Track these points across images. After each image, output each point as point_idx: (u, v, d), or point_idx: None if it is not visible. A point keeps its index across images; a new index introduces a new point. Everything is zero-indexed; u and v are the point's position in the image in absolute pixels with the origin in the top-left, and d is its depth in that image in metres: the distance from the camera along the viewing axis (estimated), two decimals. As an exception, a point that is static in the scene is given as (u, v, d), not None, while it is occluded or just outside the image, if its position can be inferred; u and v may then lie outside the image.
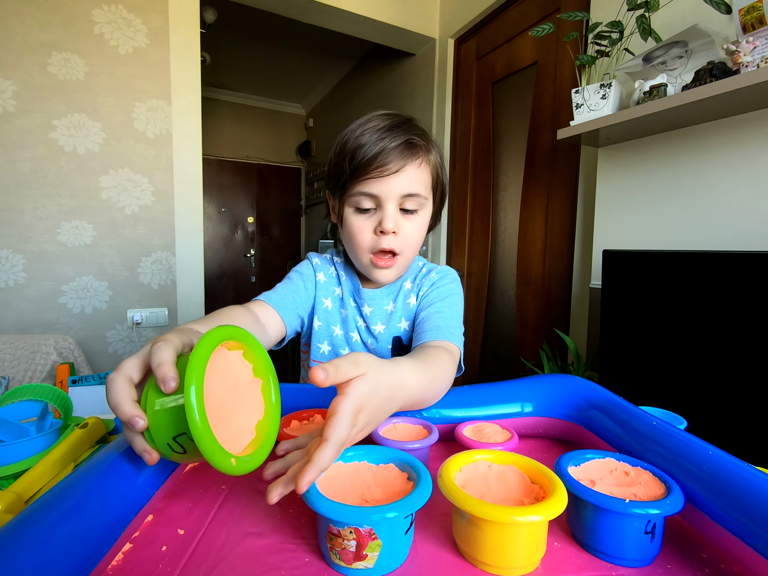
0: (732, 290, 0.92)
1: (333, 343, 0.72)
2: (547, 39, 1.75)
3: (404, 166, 0.58)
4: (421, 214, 0.63)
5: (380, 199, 0.60)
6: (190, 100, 1.93)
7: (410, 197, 0.60)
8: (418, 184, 0.61)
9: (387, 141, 0.58)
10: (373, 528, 0.29)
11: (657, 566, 0.31)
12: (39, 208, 1.73)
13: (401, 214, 0.62)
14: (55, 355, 1.55)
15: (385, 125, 0.59)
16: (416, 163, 0.60)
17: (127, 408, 0.30)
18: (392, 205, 0.60)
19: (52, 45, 1.67)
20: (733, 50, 1.01)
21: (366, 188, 0.59)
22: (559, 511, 0.29)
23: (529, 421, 0.51)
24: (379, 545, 0.29)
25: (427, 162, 0.62)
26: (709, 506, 0.31)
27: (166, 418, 0.30)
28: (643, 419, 0.40)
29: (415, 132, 0.61)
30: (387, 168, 0.58)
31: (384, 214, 0.60)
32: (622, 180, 1.39)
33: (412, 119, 0.64)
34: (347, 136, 0.61)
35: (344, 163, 0.60)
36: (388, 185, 0.59)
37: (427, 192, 0.63)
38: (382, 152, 0.57)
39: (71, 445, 0.40)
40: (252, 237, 4.44)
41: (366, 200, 0.60)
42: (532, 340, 1.88)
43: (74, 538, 0.25)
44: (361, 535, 0.29)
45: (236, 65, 3.65)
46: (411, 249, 0.65)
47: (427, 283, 0.71)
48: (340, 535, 0.29)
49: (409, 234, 0.62)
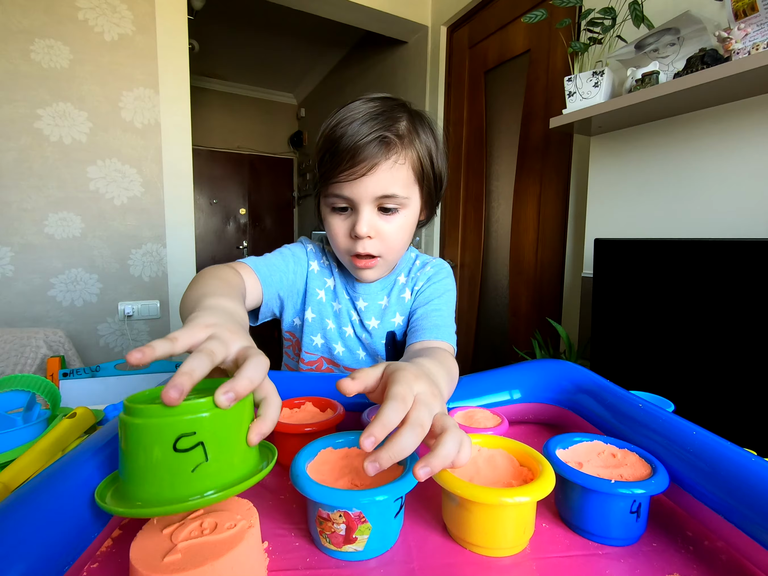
0: (724, 278, 0.93)
1: (326, 337, 0.69)
2: (539, 26, 1.73)
3: (375, 167, 0.54)
4: (403, 213, 0.59)
5: (354, 201, 0.56)
6: (179, 89, 1.90)
7: (386, 198, 0.56)
8: (394, 183, 0.56)
9: (359, 137, 0.53)
10: (362, 511, 0.29)
11: (642, 545, 0.32)
12: (25, 199, 1.70)
13: (380, 214, 0.58)
14: (45, 349, 1.53)
15: (361, 117, 0.55)
16: (389, 162, 0.55)
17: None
18: (367, 207, 0.56)
19: (34, 31, 1.63)
20: (725, 37, 1.01)
21: (338, 191, 0.56)
22: (546, 492, 0.29)
23: (519, 408, 0.51)
24: (368, 528, 0.29)
25: (405, 157, 0.56)
26: (693, 485, 0.31)
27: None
28: (629, 401, 0.41)
29: (393, 125, 0.55)
30: (355, 171, 0.54)
31: (358, 218, 0.56)
32: (614, 169, 1.39)
33: (399, 103, 0.59)
34: (326, 126, 0.58)
35: (318, 161, 0.58)
36: (359, 187, 0.55)
37: (406, 191, 0.58)
38: (350, 152, 0.53)
39: (59, 435, 0.40)
40: (244, 229, 4.40)
41: (340, 201, 0.57)
42: (525, 330, 1.89)
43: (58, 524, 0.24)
44: (350, 519, 0.29)
45: (226, 53, 3.58)
46: (393, 251, 0.61)
47: (423, 278, 0.69)
48: (329, 519, 0.29)
49: (388, 235, 0.59)
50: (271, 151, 4.49)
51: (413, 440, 0.28)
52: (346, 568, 0.29)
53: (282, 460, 0.42)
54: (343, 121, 0.55)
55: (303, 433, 0.41)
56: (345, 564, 0.30)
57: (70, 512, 0.26)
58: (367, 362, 0.71)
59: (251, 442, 0.28)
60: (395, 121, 0.56)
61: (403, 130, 0.57)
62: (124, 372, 1.09)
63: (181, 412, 0.25)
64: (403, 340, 0.69)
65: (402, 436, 0.27)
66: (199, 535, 0.28)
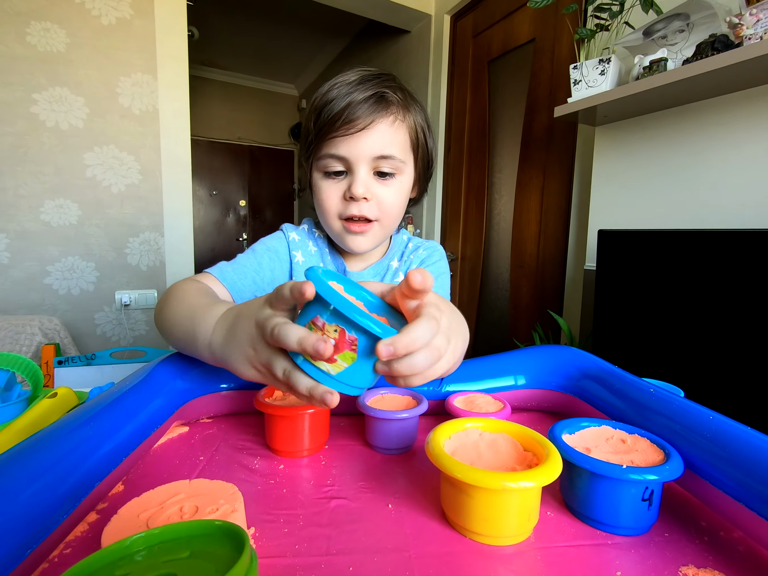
0: (729, 269, 0.91)
1: None
2: (545, 14, 1.70)
3: (374, 122, 0.52)
4: (399, 179, 0.57)
5: (349, 161, 0.53)
6: (178, 76, 1.86)
7: (384, 159, 0.54)
8: (392, 144, 0.54)
9: (356, 94, 0.52)
10: (357, 339, 0.27)
11: (654, 535, 0.30)
12: (21, 185, 1.67)
13: (376, 178, 0.55)
14: (40, 336, 1.51)
15: (356, 79, 0.53)
16: (389, 119, 0.53)
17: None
18: (363, 168, 0.54)
19: (30, 14, 1.60)
20: (736, 23, 0.98)
21: (333, 149, 0.53)
22: (553, 477, 0.27)
23: (523, 394, 0.49)
24: (352, 358, 0.28)
25: (402, 120, 0.55)
26: (710, 472, 0.29)
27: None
28: (639, 387, 0.39)
29: (389, 85, 0.54)
30: (354, 124, 0.51)
31: (354, 178, 0.54)
32: (618, 159, 1.36)
33: (391, 75, 0.57)
34: (316, 94, 0.56)
35: (310, 123, 0.55)
36: (356, 144, 0.52)
37: (403, 155, 0.56)
38: (348, 106, 0.51)
39: (38, 414, 0.38)
40: (244, 221, 4.38)
41: (335, 162, 0.54)
42: (526, 323, 1.87)
43: (16, 503, 0.22)
44: (343, 339, 0.27)
45: (226, 42, 3.54)
46: (390, 216, 0.58)
47: (416, 261, 0.67)
48: (322, 329, 0.28)
49: (384, 199, 0.56)
50: (271, 142, 4.45)
51: (427, 363, 0.28)
52: (337, 555, 0.27)
53: (272, 444, 0.40)
54: (337, 84, 0.53)
55: (296, 416, 0.39)
56: (336, 551, 0.28)
57: (32, 492, 0.24)
58: None
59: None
60: (391, 84, 0.55)
61: (400, 94, 0.55)
62: (119, 360, 1.07)
63: None
64: None
65: (418, 355, 0.27)
66: (178, 520, 0.26)
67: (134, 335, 1.96)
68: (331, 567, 0.26)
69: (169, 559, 0.20)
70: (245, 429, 0.45)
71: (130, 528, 0.25)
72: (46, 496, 0.24)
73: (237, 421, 0.47)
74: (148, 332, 1.98)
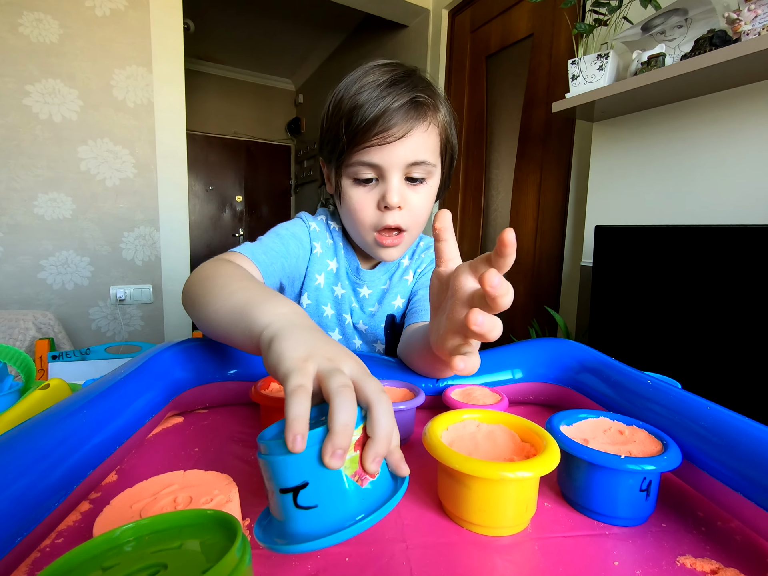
0: (725, 265, 0.91)
1: (322, 324, 0.65)
2: (543, 9, 1.70)
3: (410, 130, 0.50)
4: (429, 183, 0.56)
5: (383, 169, 0.52)
6: (173, 69, 1.85)
7: (417, 165, 0.53)
8: (426, 149, 0.53)
9: (389, 100, 0.49)
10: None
11: (651, 525, 0.30)
12: (14, 178, 1.65)
13: (407, 184, 0.54)
14: (34, 331, 1.50)
15: (386, 80, 0.51)
16: (423, 126, 0.52)
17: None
18: (397, 176, 0.52)
19: (22, 3, 1.58)
20: (734, 18, 0.98)
21: (366, 157, 0.52)
22: (551, 467, 0.27)
23: (520, 387, 0.49)
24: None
25: (436, 123, 0.54)
26: (707, 462, 0.29)
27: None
28: (637, 378, 0.39)
29: (421, 87, 0.52)
30: (390, 133, 0.50)
31: (387, 187, 0.52)
32: (616, 155, 1.36)
33: (416, 70, 0.55)
34: (341, 94, 0.53)
35: (339, 128, 0.52)
36: (391, 153, 0.51)
37: (435, 158, 0.55)
38: (383, 114, 0.49)
39: (30, 406, 0.37)
40: (240, 216, 4.35)
41: (366, 170, 0.53)
42: (522, 320, 1.87)
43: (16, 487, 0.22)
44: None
45: (222, 36, 3.51)
46: (418, 224, 0.58)
47: (426, 260, 0.67)
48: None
49: (416, 207, 0.55)
50: (268, 137, 4.43)
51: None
52: (329, 549, 0.27)
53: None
54: (367, 84, 0.51)
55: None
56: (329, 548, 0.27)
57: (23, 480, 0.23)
58: (363, 351, 0.68)
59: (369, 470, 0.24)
60: (422, 83, 0.54)
61: (430, 93, 0.54)
62: (114, 355, 1.07)
63: None
64: (402, 322, 0.66)
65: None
66: (171, 510, 0.25)
67: (129, 330, 1.95)
68: (327, 557, 0.26)
69: (159, 549, 0.20)
70: (241, 420, 0.45)
71: (122, 518, 0.24)
72: (37, 484, 0.24)
73: (233, 412, 0.47)
74: (144, 327, 1.97)
